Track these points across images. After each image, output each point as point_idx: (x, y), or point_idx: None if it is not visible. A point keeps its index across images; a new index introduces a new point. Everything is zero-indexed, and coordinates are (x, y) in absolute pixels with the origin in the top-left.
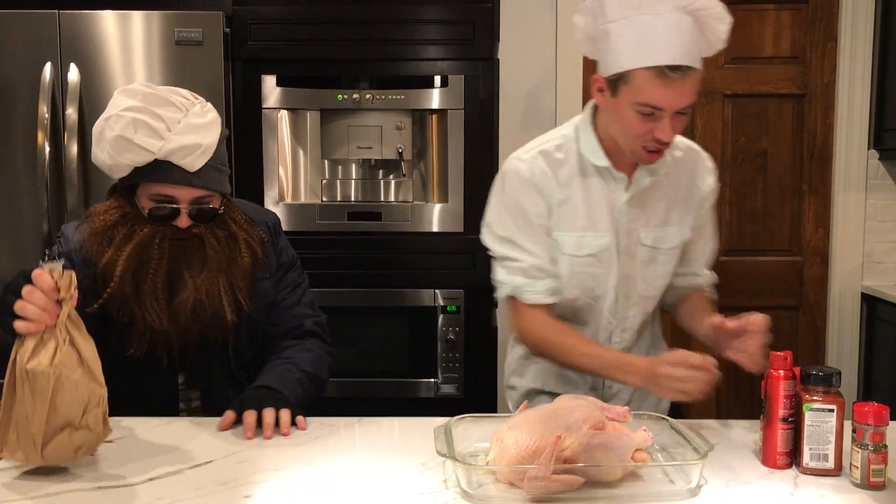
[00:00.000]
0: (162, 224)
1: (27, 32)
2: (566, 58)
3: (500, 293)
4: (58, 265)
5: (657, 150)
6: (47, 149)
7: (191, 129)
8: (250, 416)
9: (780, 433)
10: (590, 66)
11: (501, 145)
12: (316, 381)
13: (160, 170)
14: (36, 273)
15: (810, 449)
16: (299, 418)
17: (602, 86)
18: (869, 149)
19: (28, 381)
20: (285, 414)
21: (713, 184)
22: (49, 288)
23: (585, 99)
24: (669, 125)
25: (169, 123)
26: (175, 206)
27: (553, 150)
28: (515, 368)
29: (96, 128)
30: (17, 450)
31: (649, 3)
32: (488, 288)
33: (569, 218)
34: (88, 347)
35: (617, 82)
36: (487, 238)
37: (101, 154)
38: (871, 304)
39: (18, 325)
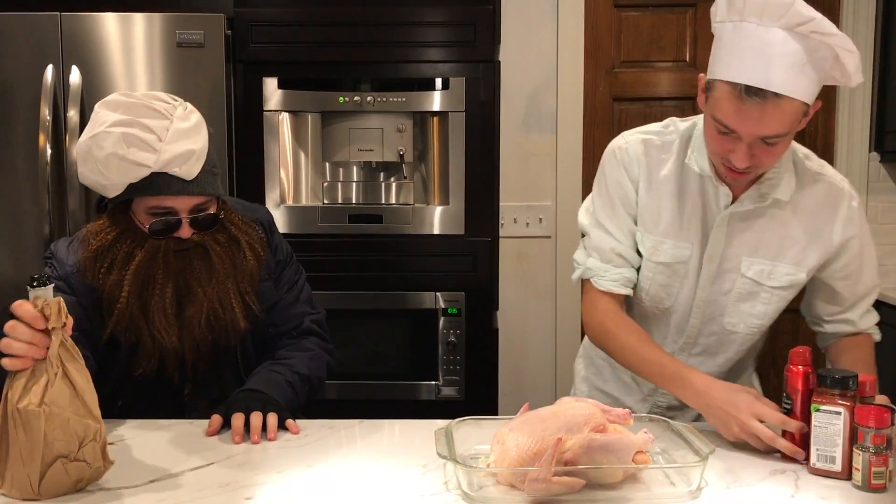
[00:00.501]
0: (163, 237)
1: (29, 35)
2: (567, 60)
3: (574, 274)
4: (46, 292)
5: (741, 171)
6: (49, 151)
7: (180, 135)
8: (238, 419)
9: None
10: (591, 68)
11: (502, 147)
12: (309, 382)
13: (157, 183)
14: (15, 305)
15: (817, 450)
16: (290, 422)
17: (702, 86)
18: (870, 151)
19: (20, 420)
20: (272, 418)
21: (855, 231)
22: (32, 318)
23: (587, 101)
24: (745, 152)
25: (159, 133)
26: (175, 217)
27: (660, 144)
28: (595, 365)
29: (81, 146)
30: (13, 486)
31: (757, 11)
32: (489, 290)
33: (652, 218)
34: (83, 379)
35: (707, 88)
36: (580, 212)
37: (91, 174)
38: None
39: (4, 363)
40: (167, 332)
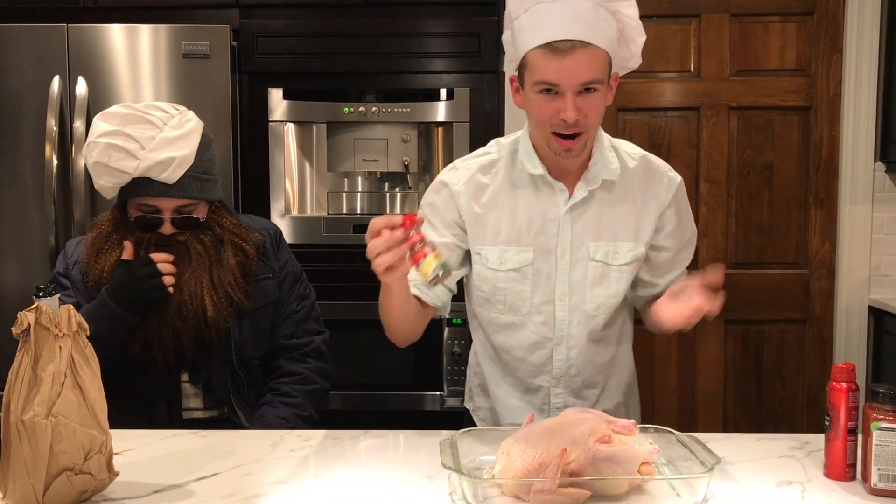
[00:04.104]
0: (147, 231)
1: (36, 46)
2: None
3: None
4: (52, 302)
5: (570, 135)
6: (55, 161)
7: (165, 143)
8: None
9: (848, 446)
10: None
11: None
12: (310, 421)
13: (141, 185)
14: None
15: (878, 469)
16: None
17: (516, 84)
18: (875, 161)
19: (25, 432)
20: None
21: (670, 199)
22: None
23: None
24: (572, 104)
25: (142, 142)
26: (158, 214)
27: (486, 164)
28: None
29: (83, 153)
30: (16, 497)
31: None
32: None
33: (492, 231)
34: (95, 388)
35: (522, 72)
36: None
37: (92, 178)
38: (879, 317)
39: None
40: (146, 315)
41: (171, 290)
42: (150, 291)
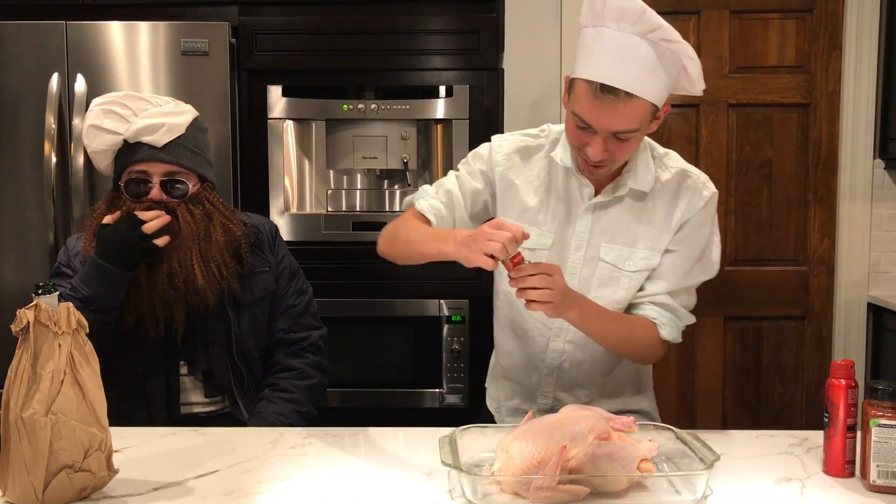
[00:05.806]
0: (137, 198)
1: (35, 43)
2: (571, 67)
3: (407, 197)
4: (51, 299)
5: (596, 164)
6: (54, 159)
7: (157, 114)
8: None
9: (847, 442)
10: None
11: None
12: (308, 416)
13: (131, 150)
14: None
15: (878, 466)
16: None
17: (567, 86)
18: (874, 158)
19: (25, 430)
20: None
21: (696, 210)
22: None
23: None
24: (600, 145)
25: (136, 111)
26: (147, 180)
27: (534, 145)
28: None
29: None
30: (16, 494)
31: (614, 17)
32: (493, 298)
33: (519, 206)
34: (94, 386)
35: (570, 86)
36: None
37: (88, 150)
38: (878, 313)
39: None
40: (137, 284)
41: (160, 242)
42: (134, 242)
